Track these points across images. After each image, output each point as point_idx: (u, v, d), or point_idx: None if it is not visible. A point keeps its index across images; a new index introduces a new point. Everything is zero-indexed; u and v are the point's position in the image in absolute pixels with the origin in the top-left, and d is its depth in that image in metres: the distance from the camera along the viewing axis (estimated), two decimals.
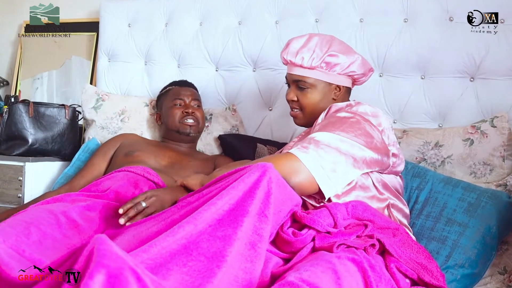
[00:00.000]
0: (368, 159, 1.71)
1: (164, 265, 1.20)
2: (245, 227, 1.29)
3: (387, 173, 1.83)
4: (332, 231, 1.53)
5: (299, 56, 1.94)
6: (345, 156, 1.66)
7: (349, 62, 1.95)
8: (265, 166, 1.40)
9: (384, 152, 1.77)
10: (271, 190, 1.38)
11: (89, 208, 1.83)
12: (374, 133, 1.75)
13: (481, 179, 2.14)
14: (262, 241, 1.32)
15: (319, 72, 1.94)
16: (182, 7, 3.02)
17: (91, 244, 1.00)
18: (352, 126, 1.73)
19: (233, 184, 1.36)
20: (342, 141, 1.67)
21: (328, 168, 1.62)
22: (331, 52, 1.93)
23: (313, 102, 1.98)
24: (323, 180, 1.62)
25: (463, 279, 1.83)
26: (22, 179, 2.53)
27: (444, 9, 2.42)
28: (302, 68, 1.96)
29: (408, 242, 1.64)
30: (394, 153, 1.81)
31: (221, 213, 1.30)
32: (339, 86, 1.98)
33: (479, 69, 2.35)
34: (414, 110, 2.47)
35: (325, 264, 1.35)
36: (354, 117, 1.77)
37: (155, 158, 2.42)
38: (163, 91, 2.72)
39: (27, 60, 3.56)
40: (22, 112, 2.63)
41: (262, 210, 1.35)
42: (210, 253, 1.24)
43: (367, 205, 1.69)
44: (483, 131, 2.18)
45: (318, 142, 1.66)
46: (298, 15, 2.73)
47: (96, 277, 0.92)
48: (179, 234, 1.24)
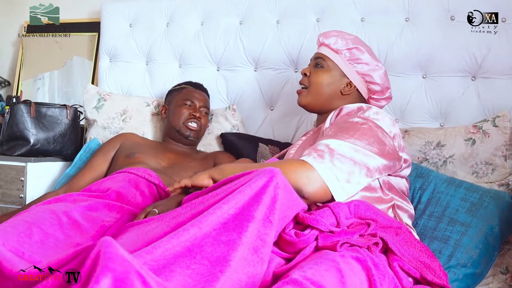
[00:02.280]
0: (381, 167, 1.72)
1: (167, 267, 1.19)
2: (249, 232, 1.29)
3: (394, 175, 1.83)
4: (335, 230, 1.53)
5: (331, 39, 2.01)
6: (359, 166, 1.66)
7: (371, 65, 1.99)
8: (272, 172, 1.39)
9: (396, 158, 1.78)
10: (277, 196, 1.38)
11: (91, 208, 1.83)
12: (386, 140, 1.76)
13: (483, 179, 2.14)
14: (265, 246, 1.32)
15: (340, 59, 2.00)
16: (183, 7, 3.02)
17: (97, 247, 0.99)
18: (365, 133, 1.73)
19: (240, 188, 1.35)
20: (356, 150, 1.67)
21: (343, 179, 1.62)
22: (360, 47, 1.99)
23: (320, 83, 2.01)
24: (338, 191, 1.62)
25: (465, 279, 1.83)
26: (24, 179, 2.53)
27: (445, 8, 2.42)
28: (328, 48, 2.03)
29: (411, 241, 1.63)
30: (405, 159, 1.83)
31: (226, 217, 1.29)
32: (351, 83, 2.00)
33: (480, 68, 2.35)
34: (416, 109, 2.47)
35: (329, 263, 1.35)
36: (366, 123, 1.77)
37: (155, 159, 2.42)
38: (176, 86, 2.72)
39: (28, 61, 3.56)
40: (24, 113, 2.63)
41: (267, 215, 1.34)
42: (214, 257, 1.23)
43: (369, 204, 1.69)
44: (485, 130, 2.17)
45: (333, 151, 1.65)
46: (299, 14, 2.73)
47: (103, 281, 0.92)
48: (183, 236, 1.24)
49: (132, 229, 1.58)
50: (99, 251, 0.98)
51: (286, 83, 2.75)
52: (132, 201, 2.04)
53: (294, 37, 2.72)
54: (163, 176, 2.24)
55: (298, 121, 2.70)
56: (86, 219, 1.76)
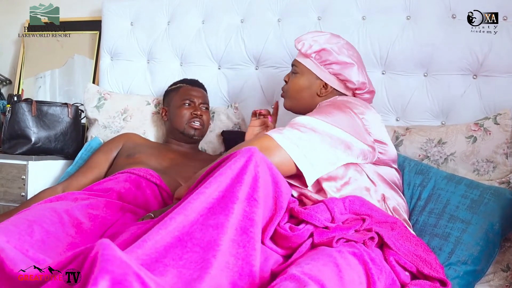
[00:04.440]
0: (348, 141, 1.72)
1: (160, 261, 1.20)
2: (235, 213, 1.30)
3: (380, 164, 1.83)
4: (330, 226, 1.54)
5: (301, 43, 2.03)
6: (320, 135, 1.68)
7: (341, 64, 1.98)
8: (250, 151, 1.41)
9: (363, 138, 1.78)
10: (258, 174, 1.39)
11: (92, 206, 1.84)
12: (353, 118, 1.78)
13: (484, 177, 2.14)
14: (254, 225, 1.32)
15: (311, 63, 2.02)
16: (184, 5, 3.02)
17: (95, 248, 0.99)
18: (331, 112, 1.77)
19: (220, 171, 1.37)
20: (318, 123, 1.70)
21: (304, 146, 1.64)
22: (327, 48, 1.98)
23: (296, 88, 2.06)
24: (300, 159, 1.63)
25: (465, 276, 1.83)
26: (25, 177, 2.53)
27: (446, 6, 2.42)
28: (300, 54, 2.06)
29: (406, 235, 1.64)
30: (377, 139, 1.82)
31: (210, 201, 1.31)
32: (327, 84, 2.01)
33: (482, 66, 2.35)
34: (417, 107, 2.47)
35: (326, 258, 1.36)
36: (334, 104, 1.83)
37: (156, 159, 2.42)
38: (173, 86, 2.71)
39: (29, 59, 3.56)
40: (25, 111, 2.63)
41: (251, 194, 1.36)
42: (205, 242, 1.24)
43: (364, 199, 1.70)
44: (486, 128, 2.17)
45: (293, 124, 1.70)
46: (300, 13, 2.73)
47: (100, 283, 0.92)
48: (171, 225, 1.25)
49: (129, 228, 1.59)
50: (96, 253, 0.98)
51: None
52: (134, 201, 2.05)
53: (295, 36, 2.65)
54: (164, 176, 2.24)
55: None
56: (87, 217, 1.76)
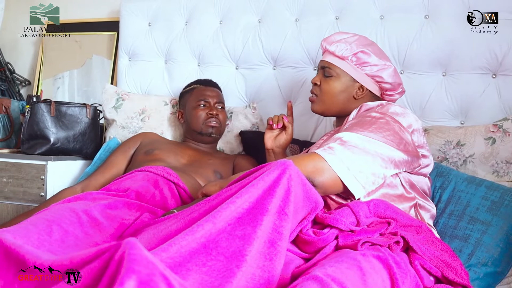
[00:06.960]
0: (397, 159, 1.70)
1: (184, 265, 1.19)
2: (264, 225, 1.28)
3: (415, 173, 1.81)
4: (355, 229, 1.52)
5: (334, 45, 1.98)
6: (372, 156, 1.65)
7: (380, 66, 1.96)
8: (285, 164, 1.39)
9: (414, 153, 1.76)
10: (291, 188, 1.37)
11: (110, 206, 1.84)
12: (403, 134, 1.74)
13: (504, 178, 2.12)
14: (282, 239, 1.31)
15: (348, 65, 1.97)
16: (202, 6, 3.02)
17: (122, 247, 0.99)
18: (381, 127, 1.72)
19: (253, 182, 1.35)
20: (369, 142, 1.66)
21: (355, 168, 1.61)
22: (365, 50, 1.95)
23: (332, 91, 2.00)
24: (350, 181, 1.61)
25: (486, 278, 1.81)
26: (44, 178, 2.54)
27: (465, 5, 2.40)
28: (333, 56, 2.00)
29: (431, 239, 1.62)
30: (423, 154, 1.81)
31: (240, 212, 1.29)
32: (363, 86, 1.98)
33: (501, 65, 2.33)
34: (436, 107, 2.45)
35: (350, 261, 1.34)
36: (383, 117, 1.76)
37: (175, 156, 2.43)
38: (187, 88, 2.72)
39: (48, 60, 3.59)
40: (44, 112, 2.65)
41: (282, 208, 1.34)
42: (230, 252, 1.23)
43: (388, 203, 1.68)
44: (505, 129, 2.15)
45: (345, 143, 1.65)
46: (318, 12, 2.72)
47: (127, 283, 0.91)
48: (198, 233, 1.23)
49: (149, 228, 1.58)
50: (123, 253, 0.97)
51: (305, 81, 2.73)
52: (152, 200, 2.05)
53: (313, 35, 2.71)
54: (182, 175, 2.23)
55: (317, 119, 2.69)
56: (105, 217, 1.76)
